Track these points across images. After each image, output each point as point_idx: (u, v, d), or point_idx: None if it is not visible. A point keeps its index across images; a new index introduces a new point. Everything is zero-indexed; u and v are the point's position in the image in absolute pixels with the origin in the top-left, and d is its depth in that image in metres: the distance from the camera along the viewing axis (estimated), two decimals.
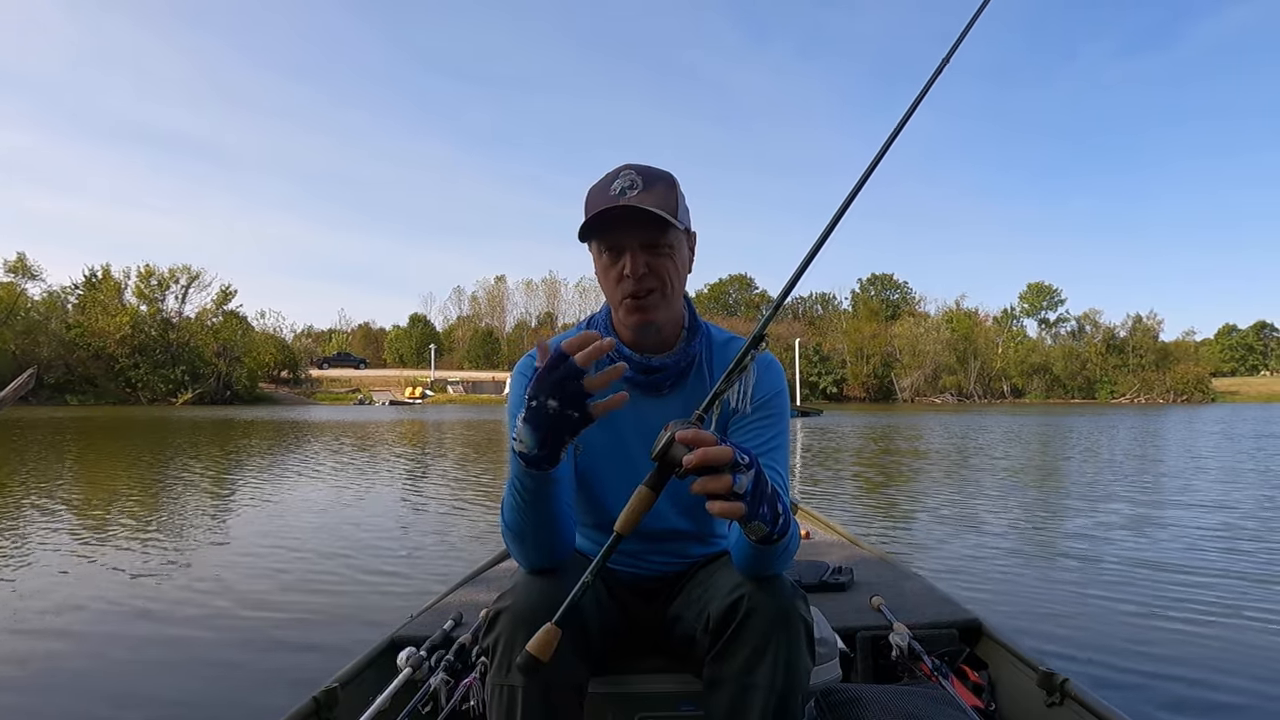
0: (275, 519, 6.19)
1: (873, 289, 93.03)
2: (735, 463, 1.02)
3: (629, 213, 1.28)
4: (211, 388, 55.84)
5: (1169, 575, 4.20)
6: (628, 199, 1.28)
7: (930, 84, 1.23)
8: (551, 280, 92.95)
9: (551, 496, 1.20)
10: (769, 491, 1.10)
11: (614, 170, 1.35)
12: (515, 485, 1.19)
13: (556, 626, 0.99)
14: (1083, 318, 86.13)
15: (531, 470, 1.15)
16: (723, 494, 1.01)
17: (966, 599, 2.60)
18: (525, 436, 1.11)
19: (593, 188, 1.37)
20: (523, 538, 1.25)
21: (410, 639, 2.00)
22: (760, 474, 1.08)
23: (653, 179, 1.33)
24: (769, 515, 1.10)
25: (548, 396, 1.07)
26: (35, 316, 53.00)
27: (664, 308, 1.36)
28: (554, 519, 1.23)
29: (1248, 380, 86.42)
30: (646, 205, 1.28)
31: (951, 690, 1.75)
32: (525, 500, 1.19)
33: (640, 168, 1.34)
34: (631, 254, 1.31)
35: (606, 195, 1.31)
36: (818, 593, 2.39)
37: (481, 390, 64.31)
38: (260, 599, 3.73)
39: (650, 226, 1.30)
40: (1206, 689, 2.57)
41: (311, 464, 10.90)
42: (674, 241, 1.34)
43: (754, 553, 1.20)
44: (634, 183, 1.30)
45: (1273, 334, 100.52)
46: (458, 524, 5.98)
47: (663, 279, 1.33)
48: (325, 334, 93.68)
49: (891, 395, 77.29)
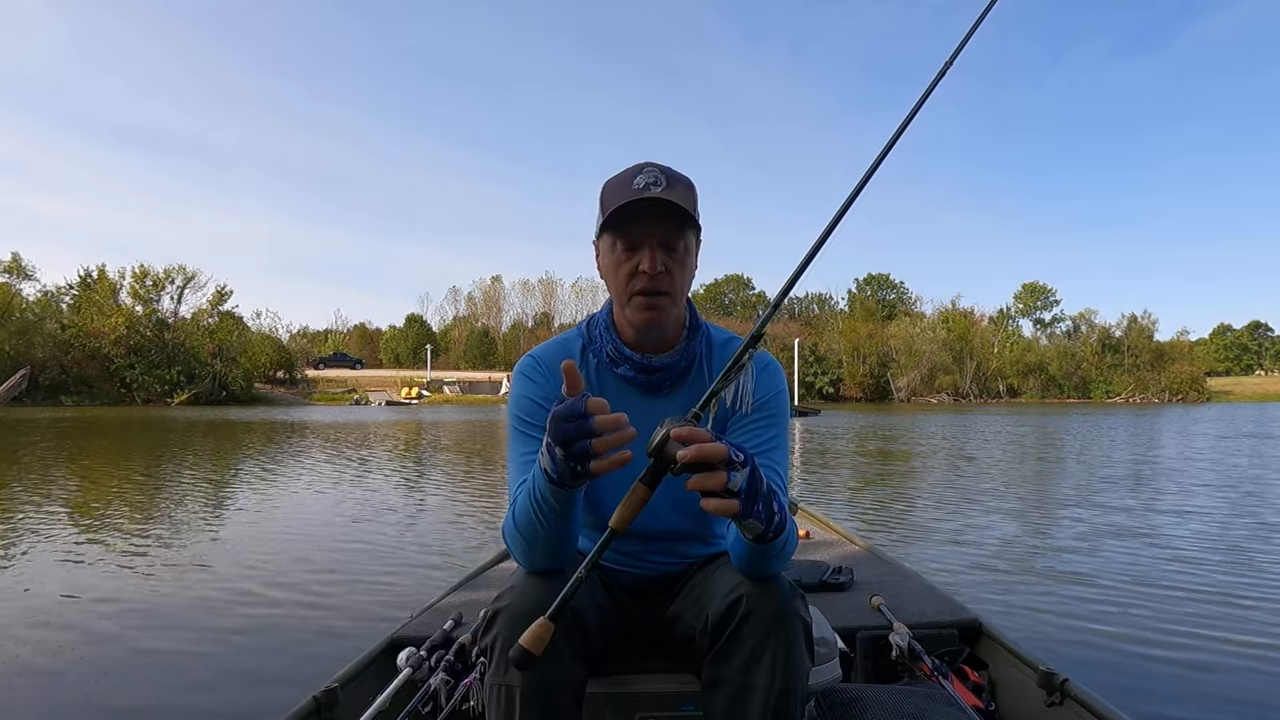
0: (274, 520, 6.18)
1: (869, 289, 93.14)
2: (729, 460, 1.02)
3: (655, 206, 1.29)
4: (207, 388, 55.61)
5: (1169, 575, 4.21)
6: (653, 194, 1.28)
7: (933, 86, 1.23)
8: (548, 280, 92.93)
9: (571, 509, 1.21)
10: (764, 490, 1.10)
11: (634, 166, 1.35)
12: (536, 497, 1.20)
13: (549, 621, 1.00)
14: (1078, 318, 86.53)
15: (554, 487, 1.15)
16: (717, 491, 1.02)
17: (966, 599, 2.61)
18: (546, 460, 1.13)
19: (611, 181, 1.36)
20: (533, 543, 1.25)
21: (410, 639, 2.00)
22: (755, 472, 1.08)
23: (675, 179, 1.33)
24: (764, 513, 1.10)
25: (556, 443, 1.09)
26: (30, 317, 52.71)
27: (671, 310, 1.37)
28: (569, 526, 1.24)
29: (1242, 380, 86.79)
30: (673, 199, 1.29)
31: (951, 690, 1.75)
32: (543, 511, 1.20)
33: (662, 167, 1.34)
34: (650, 250, 1.31)
35: (630, 189, 1.30)
36: (817, 593, 2.39)
37: (478, 391, 64.20)
38: (260, 599, 3.72)
39: (671, 225, 1.31)
40: (1207, 689, 2.58)
41: (309, 465, 10.88)
42: (690, 245, 1.35)
43: (750, 551, 1.20)
44: (658, 180, 1.30)
45: (1267, 334, 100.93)
46: (457, 524, 5.98)
47: (675, 282, 1.34)
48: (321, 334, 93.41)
49: (888, 395, 77.34)
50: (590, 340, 1.47)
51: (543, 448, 1.14)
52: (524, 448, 1.37)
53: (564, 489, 1.15)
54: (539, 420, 1.39)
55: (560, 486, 1.14)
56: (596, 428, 1.06)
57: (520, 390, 1.43)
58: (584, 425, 1.06)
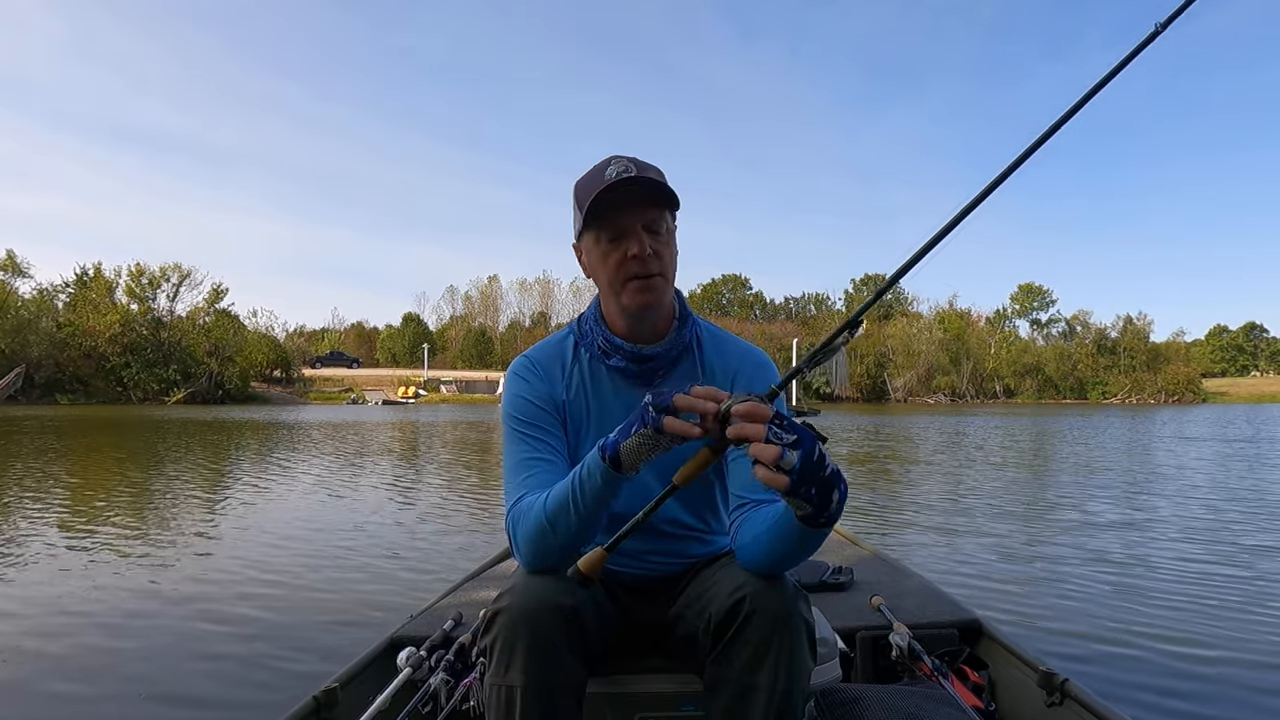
0: (272, 520, 6.17)
1: (866, 289, 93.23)
2: (777, 434, 1.03)
3: (632, 191, 1.30)
4: (203, 387, 55.48)
5: (1169, 575, 4.22)
6: (629, 178, 1.30)
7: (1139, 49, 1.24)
8: (545, 280, 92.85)
9: (608, 502, 1.22)
10: (827, 475, 1.05)
11: (602, 161, 1.36)
12: (581, 488, 1.20)
13: (606, 551, 1.13)
14: (1073, 319, 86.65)
15: (604, 463, 1.17)
16: (768, 463, 1.02)
17: (966, 599, 2.61)
18: (618, 432, 1.17)
19: (582, 179, 1.38)
20: (555, 531, 1.23)
21: (410, 639, 2.00)
22: (815, 455, 1.04)
23: (645, 166, 1.35)
24: (816, 498, 1.05)
25: (650, 403, 1.13)
26: (25, 315, 52.52)
27: (666, 292, 1.39)
28: (594, 524, 1.24)
29: (1237, 381, 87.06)
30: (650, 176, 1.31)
31: (951, 690, 1.75)
32: (587, 503, 1.21)
33: (629, 157, 1.35)
34: (636, 234, 1.33)
35: (602, 180, 1.31)
36: (818, 593, 2.39)
37: (475, 390, 64.15)
38: (260, 599, 3.71)
39: (652, 207, 1.33)
40: (1207, 689, 2.58)
41: (307, 464, 10.86)
42: (671, 226, 1.38)
43: (786, 531, 1.16)
44: (628, 168, 1.32)
45: (1262, 335, 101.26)
46: (457, 524, 5.97)
47: (664, 263, 1.36)
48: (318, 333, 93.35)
49: (885, 396, 77.41)
50: (581, 336, 1.49)
51: (619, 435, 1.16)
52: (521, 448, 1.37)
53: (618, 470, 1.16)
54: (535, 420, 1.40)
55: (617, 464, 1.16)
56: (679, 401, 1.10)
57: (515, 390, 1.43)
58: (670, 394, 1.12)
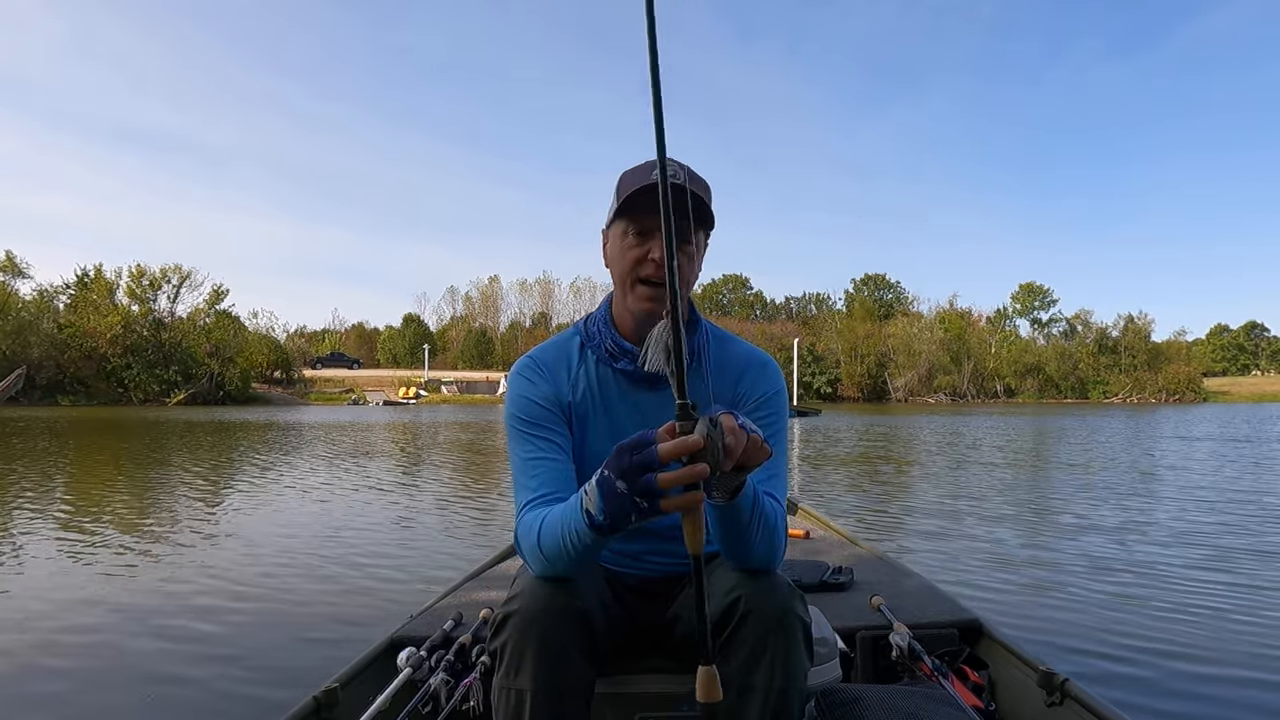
0: (272, 520, 6.16)
1: (866, 289, 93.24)
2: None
3: (677, 195, 1.27)
4: (204, 388, 55.52)
5: (1169, 575, 4.21)
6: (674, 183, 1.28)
7: None
8: (545, 280, 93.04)
9: (602, 550, 1.18)
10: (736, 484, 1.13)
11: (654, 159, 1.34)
12: (570, 534, 1.15)
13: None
14: (1074, 318, 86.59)
15: (593, 532, 1.11)
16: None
17: (966, 599, 2.61)
18: (594, 500, 1.08)
19: (629, 170, 1.36)
20: (555, 565, 1.22)
21: (410, 639, 2.00)
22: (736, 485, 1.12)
23: (695, 177, 1.33)
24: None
25: (618, 477, 1.03)
26: (25, 316, 52.56)
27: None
28: (599, 555, 1.23)
29: (1238, 380, 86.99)
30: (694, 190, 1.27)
31: (951, 690, 1.75)
32: (575, 549, 1.16)
33: (680, 163, 1.31)
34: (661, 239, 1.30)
35: (649, 177, 1.29)
36: (817, 593, 2.38)
37: (475, 390, 64.16)
38: (259, 599, 3.71)
39: (686, 218, 1.29)
40: (1207, 689, 2.57)
41: (308, 465, 10.86)
42: (700, 244, 1.35)
43: (723, 522, 1.20)
44: (676, 173, 1.27)
45: (1263, 334, 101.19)
46: (457, 524, 5.97)
47: (683, 276, 1.32)
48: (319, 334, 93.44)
49: (885, 395, 77.44)
50: (588, 337, 1.47)
51: (589, 485, 1.09)
52: (526, 449, 1.37)
53: (606, 536, 1.10)
54: (539, 420, 1.39)
55: (606, 533, 1.09)
56: (661, 455, 0.99)
57: (518, 391, 1.42)
58: (650, 454, 1.00)
